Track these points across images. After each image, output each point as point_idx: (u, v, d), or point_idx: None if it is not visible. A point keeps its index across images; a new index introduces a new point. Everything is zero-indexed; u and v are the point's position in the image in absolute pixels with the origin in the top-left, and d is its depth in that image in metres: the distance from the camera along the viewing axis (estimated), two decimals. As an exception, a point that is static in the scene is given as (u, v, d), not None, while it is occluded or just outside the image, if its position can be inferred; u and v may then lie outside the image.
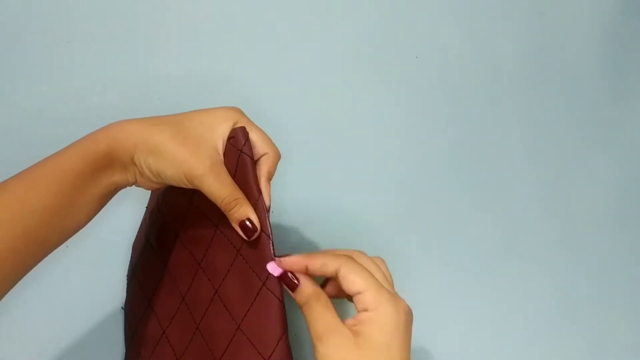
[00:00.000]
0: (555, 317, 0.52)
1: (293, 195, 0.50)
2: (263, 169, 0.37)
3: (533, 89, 0.60)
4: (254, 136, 0.37)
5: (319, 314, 0.32)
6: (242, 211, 0.34)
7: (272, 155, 0.37)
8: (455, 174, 0.55)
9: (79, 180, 0.32)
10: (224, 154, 0.36)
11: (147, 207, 0.47)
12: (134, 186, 0.36)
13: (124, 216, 0.46)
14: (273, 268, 0.34)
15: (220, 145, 0.35)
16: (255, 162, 0.36)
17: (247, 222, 0.34)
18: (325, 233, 0.50)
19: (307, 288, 0.33)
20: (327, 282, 0.36)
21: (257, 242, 0.35)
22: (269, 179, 0.37)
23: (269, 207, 0.36)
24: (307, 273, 0.34)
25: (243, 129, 0.36)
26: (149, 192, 0.47)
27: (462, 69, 0.58)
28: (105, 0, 0.53)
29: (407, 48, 0.58)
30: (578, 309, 0.52)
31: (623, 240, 0.56)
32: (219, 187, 0.34)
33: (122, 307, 0.45)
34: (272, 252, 0.34)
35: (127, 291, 0.45)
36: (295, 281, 0.33)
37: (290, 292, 0.34)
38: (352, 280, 0.32)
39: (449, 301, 0.50)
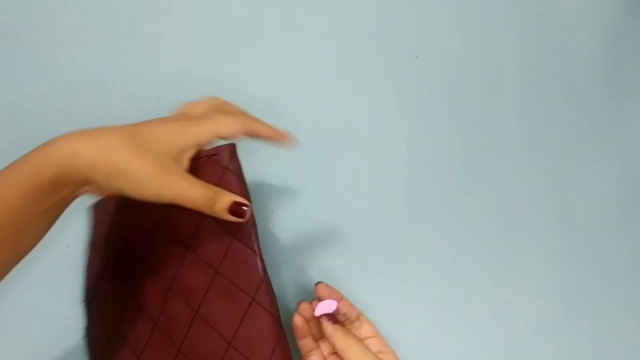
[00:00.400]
0: (556, 316, 0.52)
1: (292, 195, 0.50)
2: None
3: (533, 89, 0.60)
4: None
5: (358, 342, 0.40)
6: (226, 199, 0.33)
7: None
8: (456, 173, 0.55)
9: (25, 209, 0.29)
10: (203, 170, 0.36)
11: (92, 227, 0.45)
12: None
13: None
14: (330, 306, 0.39)
15: (180, 154, 0.34)
16: (242, 179, 0.36)
17: (236, 206, 0.33)
18: (324, 233, 0.50)
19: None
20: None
21: (240, 259, 0.35)
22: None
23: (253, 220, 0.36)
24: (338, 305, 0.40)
25: (231, 146, 0.36)
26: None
27: (462, 69, 0.58)
28: (106, 0, 0.53)
29: (407, 48, 0.58)
30: (579, 309, 0.52)
31: (624, 239, 0.56)
32: (195, 189, 0.33)
33: (83, 337, 0.43)
34: (260, 267, 0.34)
35: (86, 318, 0.44)
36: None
37: (331, 326, 0.39)
38: (370, 326, 0.42)
39: (449, 301, 0.50)
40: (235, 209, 0.33)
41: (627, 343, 0.52)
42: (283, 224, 0.50)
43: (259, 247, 0.35)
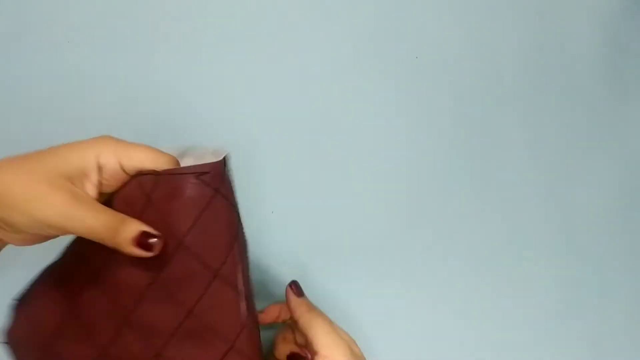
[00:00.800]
0: (556, 316, 0.52)
1: (290, 196, 0.50)
2: None
3: (533, 89, 0.60)
4: (139, 155, 0.29)
5: (325, 320, 0.37)
6: (132, 227, 0.28)
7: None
8: (456, 174, 0.55)
9: None
10: (184, 192, 0.29)
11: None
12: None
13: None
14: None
15: (80, 174, 0.28)
16: (235, 210, 0.31)
17: (144, 237, 0.28)
18: (323, 233, 0.50)
19: None
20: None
21: (220, 299, 0.30)
22: None
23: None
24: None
25: (218, 164, 0.30)
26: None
27: (462, 69, 0.58)
28: (106, 0, 0.53)
29: (407, 48, 0.58)
30: (579, 309, 0.52)
31: (624, 239, 0.56)
32: (94, 215, 0.27)
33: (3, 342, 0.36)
34: (242, 310, 0.30)
35: (12, 319, 0.36)
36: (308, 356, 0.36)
37: (295, 299, 0.38)
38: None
39: (450, 301, 0.50)
40: (142, 240, 0.28)
41: (627, 343, 0.52)
42: (283, 224, 0.50)
43: (244, 283, 0.30)
